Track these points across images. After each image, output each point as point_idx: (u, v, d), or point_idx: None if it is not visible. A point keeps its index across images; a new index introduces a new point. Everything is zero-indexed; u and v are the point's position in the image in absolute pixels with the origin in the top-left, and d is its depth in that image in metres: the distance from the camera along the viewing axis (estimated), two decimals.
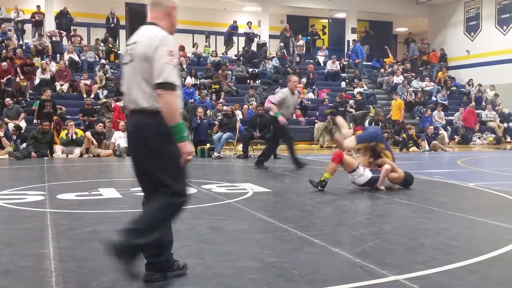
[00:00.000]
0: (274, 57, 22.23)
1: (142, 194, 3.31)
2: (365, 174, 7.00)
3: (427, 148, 15.46)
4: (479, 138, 19.16)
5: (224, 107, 15.45)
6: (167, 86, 2.92)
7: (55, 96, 16.20)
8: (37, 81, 16.89)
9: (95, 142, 12.63)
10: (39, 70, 17.03)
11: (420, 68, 24.83)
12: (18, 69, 16.86)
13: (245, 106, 17.43)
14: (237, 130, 13.41)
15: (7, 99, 14.66)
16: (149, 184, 3.16)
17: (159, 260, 3.18)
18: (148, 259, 3.18)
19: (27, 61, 17.15)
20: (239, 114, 16.16)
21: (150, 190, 3.16)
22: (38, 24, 20.22)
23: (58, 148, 12.47)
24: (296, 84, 9.88)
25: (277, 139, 10.20)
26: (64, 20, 20.83)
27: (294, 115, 11.02)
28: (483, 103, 21.63)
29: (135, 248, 2.96)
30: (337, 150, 7.32)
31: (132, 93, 3.05)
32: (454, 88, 23.09)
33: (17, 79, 16.44)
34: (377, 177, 6.99)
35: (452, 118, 19.90)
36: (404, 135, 15.50)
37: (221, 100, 17.68)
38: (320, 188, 6.93)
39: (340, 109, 16.22)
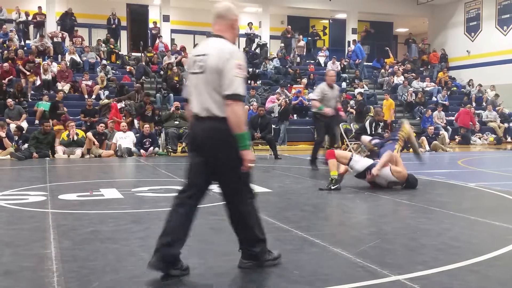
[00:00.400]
0: (274, 57, 22.26)
1: (183, 188, 3.52)
2: (364, 160, 7.11)
3: (427, 148, 15.47)
4: (479, 138, 19.17)
5: None
6: (236, 97, 3.19)
7: (56, 97, 16.25)
8: (38, 82, 16.92)
9: (96, 142, 12.65)
10: (40, 71, 17.05)
11: (421, 69, 24.84)
12: (21, 67, 16.93)
13: (246, 107, 17.44)
14: None
15: (9, 100, 14.69)
16: (201, 183, 3.46)
17: (168, 251, 3.25)
18: (158, 245, 3.28)
19: (29, 58, 17.25)
20: None
21: (198, 188, 3.46)
22: (39, 25, 20.27)
23: (59, 149, 12.49)
24: (333, 78, 9.79)
25: (333, 133, 9.98)
26: (68, 21, 20.86)
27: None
28: (484, 104, 21.65)
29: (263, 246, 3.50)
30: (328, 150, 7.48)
31: (204, 102, 3.28)
32: (455, 88, 23.10)
33: (22, 78, 16.53)
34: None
35: (453, 118, 19.90)
36: None
37: None
38: (334, 188, 6.94)
39: None
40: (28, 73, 16.81)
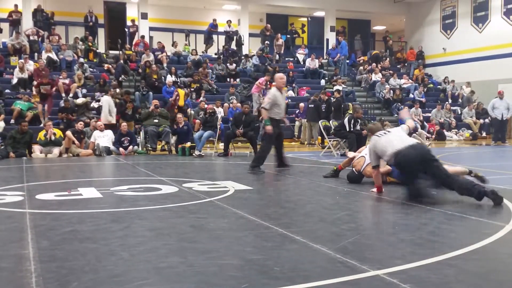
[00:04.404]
0: (254, 55, 22.27)
1: None
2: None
3: None
4: (456, 134, 19.45)
5: (205, 105, 15.46)
6: None
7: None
8: (15, 80, 16.66)
9: (76, 142, 12.50)
10: (16, 69, 16.81)
11: (398, 66, 25.11)
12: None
13: (226, 104, 17.43)
14: (218, 128, 13.39)
15: None
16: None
17: None
18: None
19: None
20: (220, 112, 16.16)
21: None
22: (15, 23, 19.95)
23: (36, 148, 12.32)
24: (284, 81, 9.48)
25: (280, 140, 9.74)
26: (39, 17, 20.57)
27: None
28: (459, 100, 21.98)
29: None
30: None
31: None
32: (431, 85, 23.40)
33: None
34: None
35: (429, 114, 20.14)
36: None
37: (201, 98, 17.65)
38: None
39: (310, 106, 16.33)
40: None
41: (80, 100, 15.79)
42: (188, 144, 12.91)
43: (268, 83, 18.56)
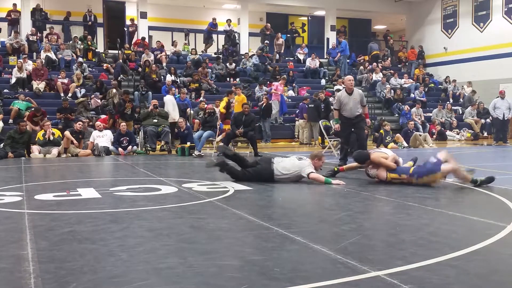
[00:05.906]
0: (254, 54, 22.23)
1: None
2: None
3: (405, 144, 15.60)
4: (457, 133, 19.43)
5: (205, 105, 15.43)
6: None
7: (31, 95, 15.98)
8: (13, 80, 16.64)
9: (75, 141, 12.47)
10: (15, 69, 16.78)
11: (399, 65, 25.08)
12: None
13: None
14: (217, 128, 13.36)
15: None
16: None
17: None
18: None
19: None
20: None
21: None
22: (14, 22, 19.93)
23: (35, 148, 12.28)
24: (351, 83, 9.60)
25: (359, 138, 9.86)
26: (38, 17, 20.56)
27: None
28: (461, 100, 21.94)
29: None
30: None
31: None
32: (432, 85, 23.37)
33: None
34: None
35: (430, 114, 20.11)
36: (382, 131, 15.61)
37: (201, 98, 17.62)
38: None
39: (310, 106, 16.30)
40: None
41: (78, 100, 15.79)
42: (188, 144, 12.89)
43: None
